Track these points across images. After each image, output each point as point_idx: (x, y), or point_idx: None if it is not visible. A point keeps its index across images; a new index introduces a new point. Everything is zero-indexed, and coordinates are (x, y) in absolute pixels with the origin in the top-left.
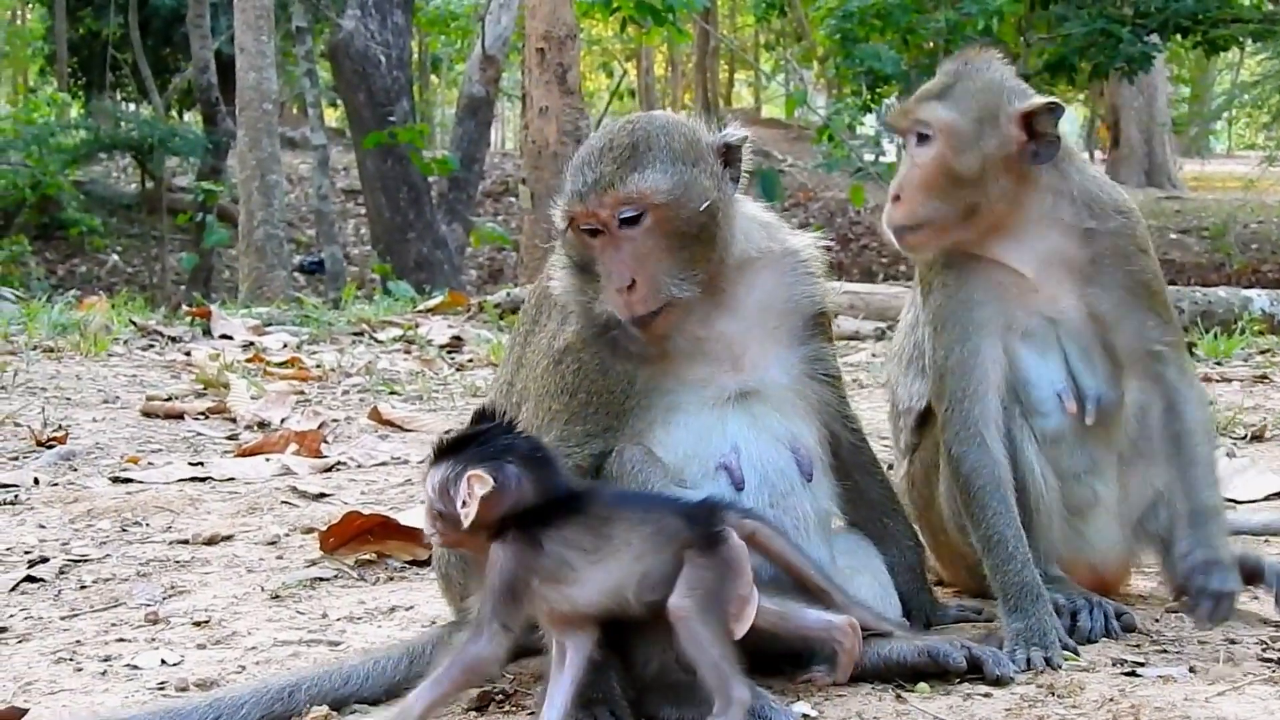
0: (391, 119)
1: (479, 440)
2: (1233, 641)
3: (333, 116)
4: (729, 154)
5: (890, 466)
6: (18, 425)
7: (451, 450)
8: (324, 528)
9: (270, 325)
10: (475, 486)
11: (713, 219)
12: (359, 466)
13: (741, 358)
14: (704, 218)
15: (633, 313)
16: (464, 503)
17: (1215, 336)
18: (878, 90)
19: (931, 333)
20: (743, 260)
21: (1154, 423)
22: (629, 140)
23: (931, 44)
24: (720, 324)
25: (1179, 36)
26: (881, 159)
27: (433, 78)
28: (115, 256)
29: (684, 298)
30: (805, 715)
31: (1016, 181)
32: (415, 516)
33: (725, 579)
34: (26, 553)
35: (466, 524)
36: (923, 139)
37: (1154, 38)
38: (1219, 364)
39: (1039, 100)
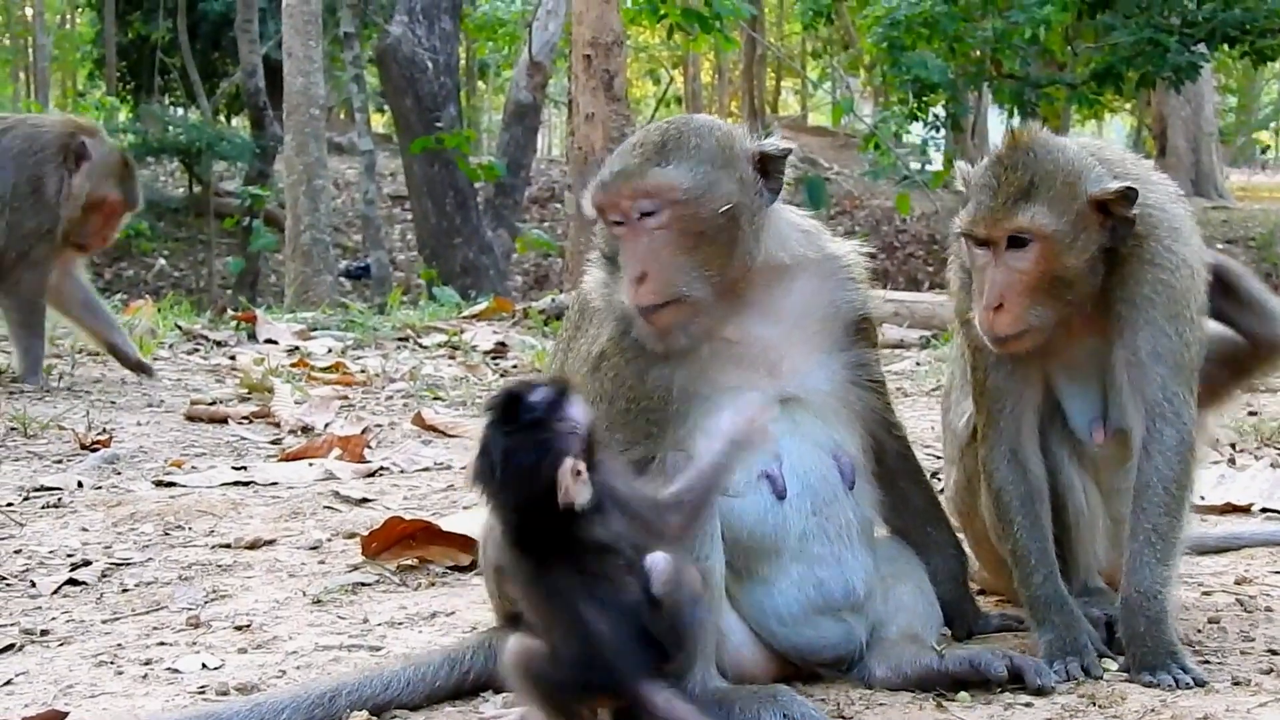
0: (439, 124)
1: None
2: (1275, 653)
3: (380, 122)
4: (767, 163)
5: (935, 475)
6: (62, 429)
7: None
8: (366, 533)
9: (315, 330)
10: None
11: (733, 222)
12: (402, 472)
13: (779, 364)
14: (723, 220)
15: (639, 303)
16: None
17: None
18: (924, 98)
19: (969, 352)
20: (773, 266)
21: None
22: (659, 138)
23: (979, 53)
24: (753, 329)
25: (1226, 46)
26: (928, 167)
27: (480, 84)
28: (162, 260)
29: (693, 296)
30: None
31: (1104, 263)
32: (457, 522)
33: None
34: (69, 556)
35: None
36: (1018, 244)
37: (1201, 47)
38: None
39: (1113, 187)
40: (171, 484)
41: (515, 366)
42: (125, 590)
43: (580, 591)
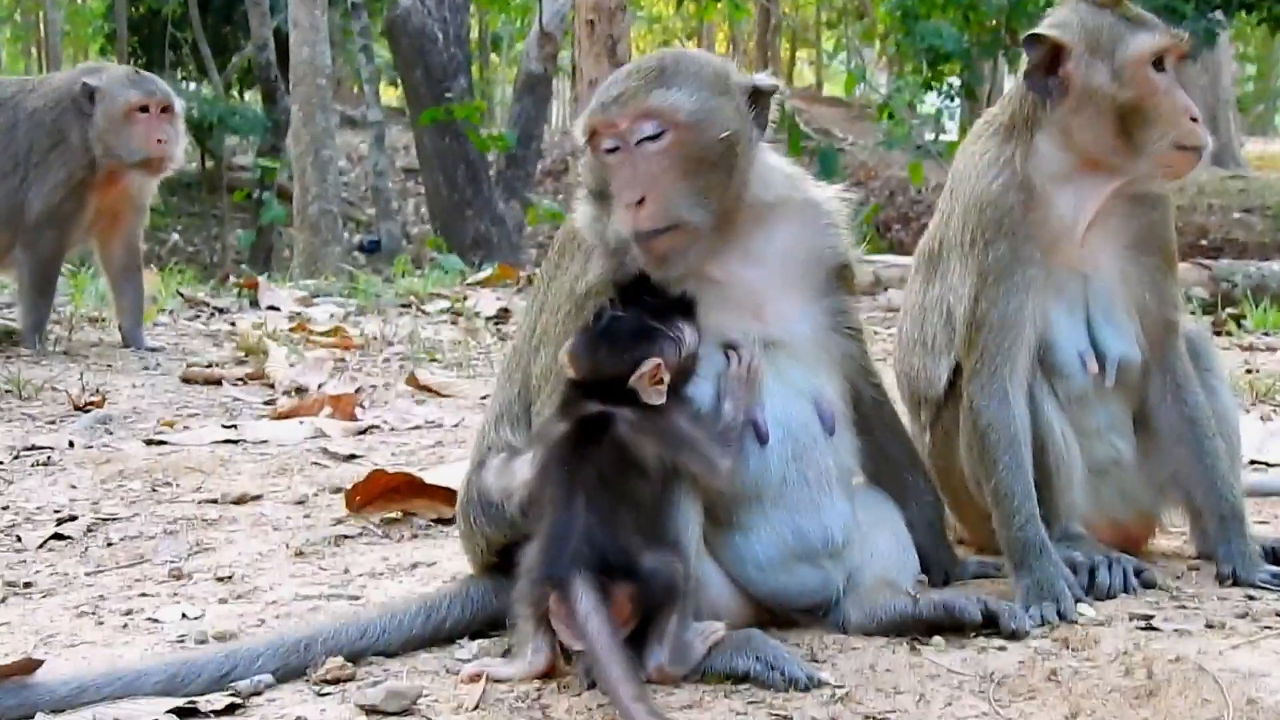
0: (449, 96)
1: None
2: (1251, 598)
3: (393, 95)
4: (758, 98)
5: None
6: (56, 390)
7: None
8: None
9: (318, 297)
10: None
11: (731, 151)
12: (392, 430)
13: (763, 307)
14: (723, 148)
15: (638, 227)
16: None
17: (1264, 309)
18: (939, 68)
19: (977, 283)
20: (760, 204)
21: (1165, 403)
22: (657, 64)
23: (994, 21)
24: (739, 270)
25: (1244, 13)
26: (942, 137)
27: (493, 56)
28: (176, 235)
29: (693, 222)
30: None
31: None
32: (441, 475)
33: None
34: (56, 512)
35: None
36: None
37: (1218, 14)
38: (1266, 334)
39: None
40: (162, 442)
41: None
42: (110, 544)
43: (586, 486)
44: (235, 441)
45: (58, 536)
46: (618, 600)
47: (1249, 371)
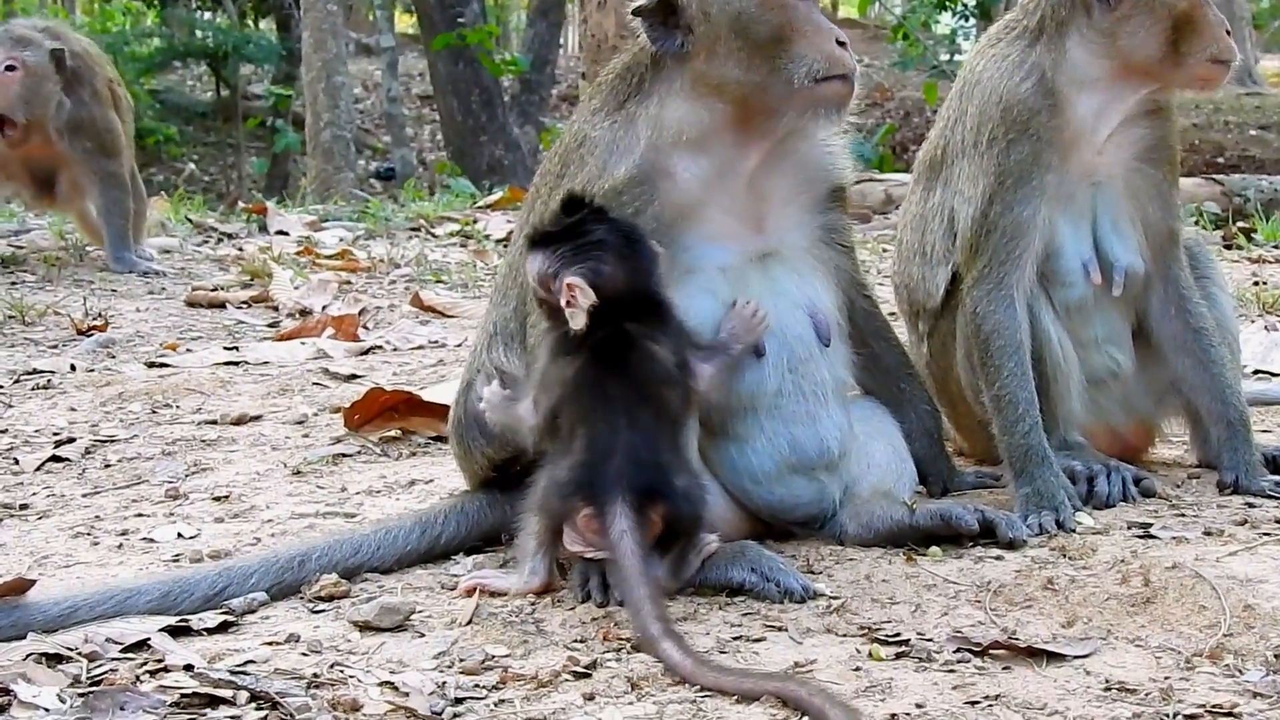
0: (461, 21)
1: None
2: (1251, 505)
3: (407, 22)
4: None
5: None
6: (59, 315)
7: (546, 243)
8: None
9: (327, 221)
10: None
11: None
12: (394, 350)
13: (765, 218)
14: None
15: (855, 65)
16: (568, 303)
17: (1274, 223)
18: None
19: (992, 185)
20: None
21: (1169, 313)
22: None
23: None
24: (763, 173)
25: None
26: (956, 57)
27: None
28: (192, 165)
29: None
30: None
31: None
32: (439, 392)
33: None
34: (55, 434)
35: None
36: None
37: None
38: (1276, 247)
39: None
40: (163, 364)
41: None
42: (108, 466)
43: (626, 402)
44: (237, 363)
45: (55, 459)
46: (651, 520)
47: (1257, 283)
